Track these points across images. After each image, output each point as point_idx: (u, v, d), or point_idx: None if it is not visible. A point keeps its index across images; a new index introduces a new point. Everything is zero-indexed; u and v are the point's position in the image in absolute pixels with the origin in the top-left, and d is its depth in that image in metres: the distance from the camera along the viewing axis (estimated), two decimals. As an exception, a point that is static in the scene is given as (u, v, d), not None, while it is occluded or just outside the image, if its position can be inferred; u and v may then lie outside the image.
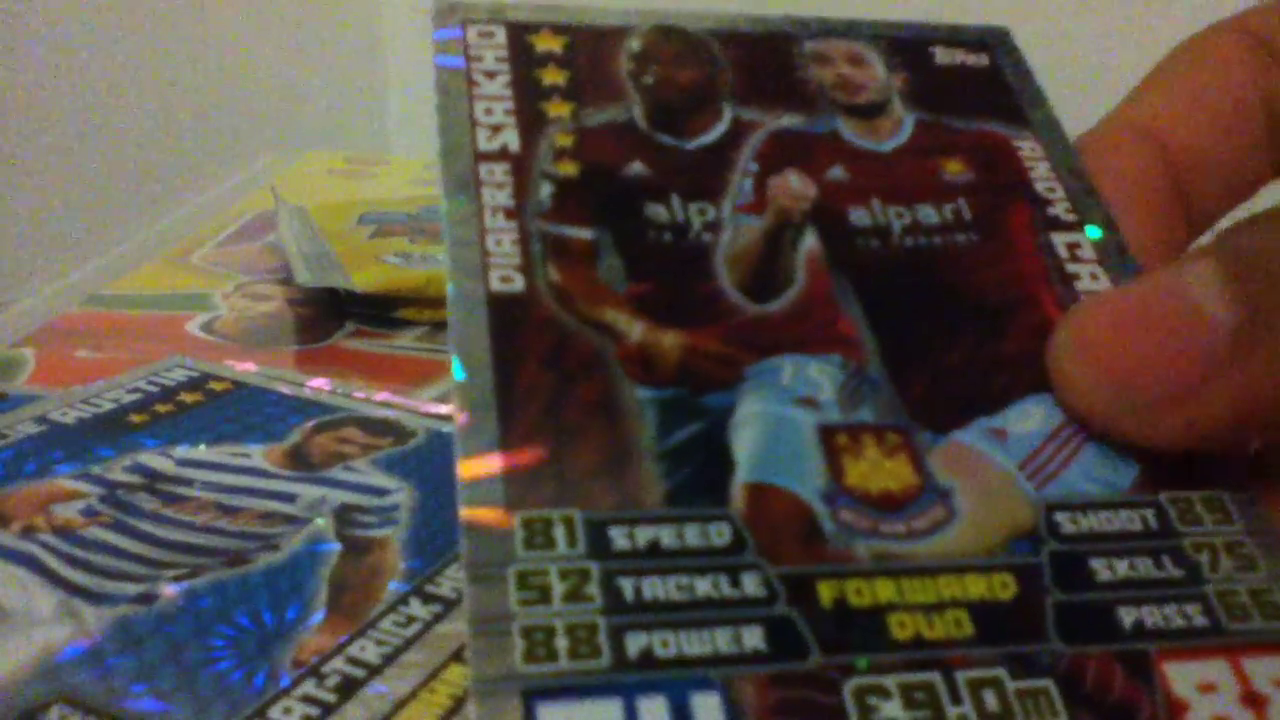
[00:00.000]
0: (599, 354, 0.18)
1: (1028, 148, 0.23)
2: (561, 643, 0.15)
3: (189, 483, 0.35)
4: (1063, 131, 0.23)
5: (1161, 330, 0.18)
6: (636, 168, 0.21)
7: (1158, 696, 0.16)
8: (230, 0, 0.70)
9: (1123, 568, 0.17)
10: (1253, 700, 0.16)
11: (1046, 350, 0.19)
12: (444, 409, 0.41)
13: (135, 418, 0.39)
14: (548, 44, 0.22)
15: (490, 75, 0.22)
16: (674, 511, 0.17)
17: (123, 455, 0.36)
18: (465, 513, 0.16)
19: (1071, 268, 0.21)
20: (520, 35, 0.22)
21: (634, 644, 0.15)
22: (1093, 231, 0.21)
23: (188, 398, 0.41)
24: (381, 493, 0.35)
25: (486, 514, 0.16)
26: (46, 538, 0.31)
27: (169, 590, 0.30)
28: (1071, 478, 0.18)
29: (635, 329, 0.19)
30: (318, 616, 0.29)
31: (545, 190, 0.20)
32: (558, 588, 0.15)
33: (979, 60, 0.24)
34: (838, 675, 0.15)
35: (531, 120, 0.21)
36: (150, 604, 0.29)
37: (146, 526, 0.33)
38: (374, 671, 0.27)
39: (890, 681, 0.15)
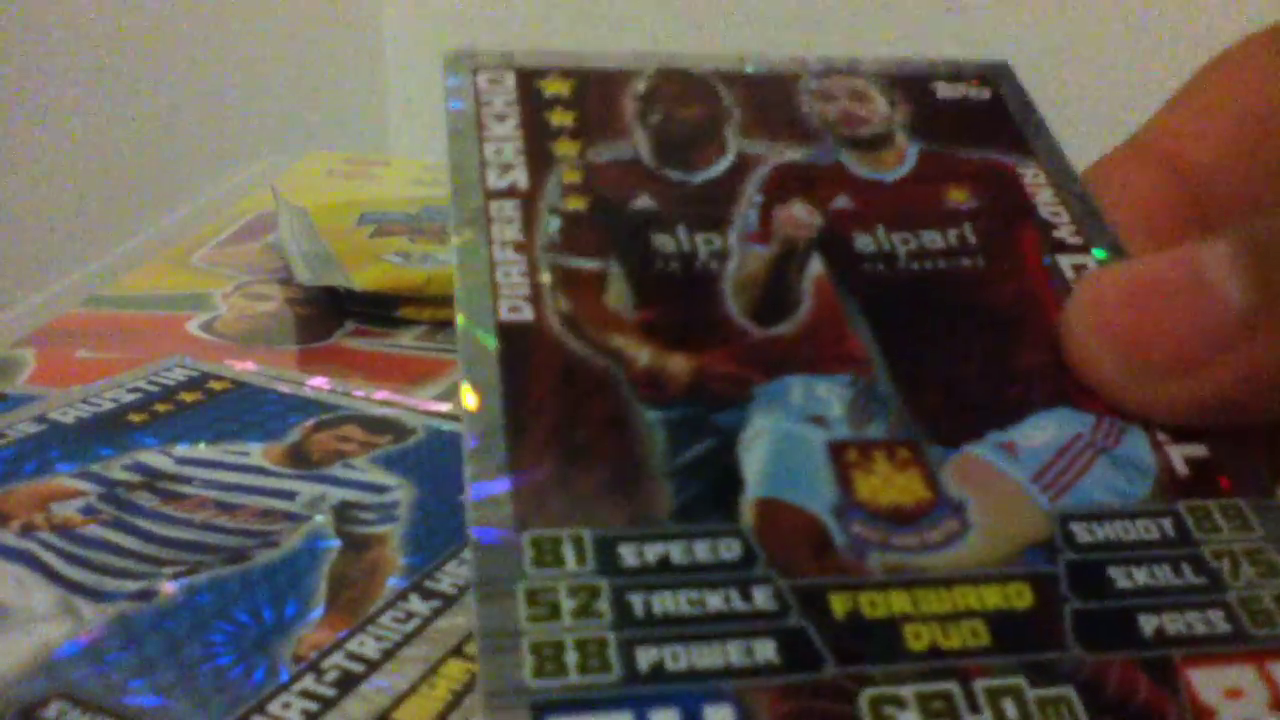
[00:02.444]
0: (609, 376, 0.19)
1: (1031, 174, 0.23)
2: (571, 657, 0.15)
3: (188, 481, 0.35)
4: (1066, 159, 0.23)
5: (1174, 303, 0.18)
6: (644, 201, 0.21)
7: (1183, 702, 0.16)
8: (231, 1, 0.70)
9: (1142, 575, 0.17)
10: None
11: (1060, 316, 0.20)
12: (443, 407, 0.41)
13: (135, 417, 0.39)
14: (556, 88, 0.23)
15: (500, 118, 0.22)
16: (684, 528, 0.17)
17: (122, 454, 0.36)
18: (474, 532, 0.16)
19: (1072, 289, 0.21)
20: (529, 80, 0.23)
21: (645, 658, 0.15)
22: (1099, 254, 0.22)
23: (187, 397, 0.41)
24: (381, 490, 0.35)
25: (495, 533, 0.16)
26: (45, 535, 0.31)
27: (168, 587, 0.30)
28: (1085, 489, 0.18)
29: (644, 353, 0.19)
30: (317, 612, 0.29)
31: (554, 224, 0.21)
32: (567, 604, 0.16)
33: (980, 93, 0.24)
34: (852, 685, 0.15)
35: (540, 159, 0.22)
36: (149, 600, 0.29)
37: (146, 524, 0.33)
38: (373, 666, 0.27)
39: (906, 691, 0.15)
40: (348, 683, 0.27)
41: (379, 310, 0.49)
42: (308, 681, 0.26)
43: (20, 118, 0.54)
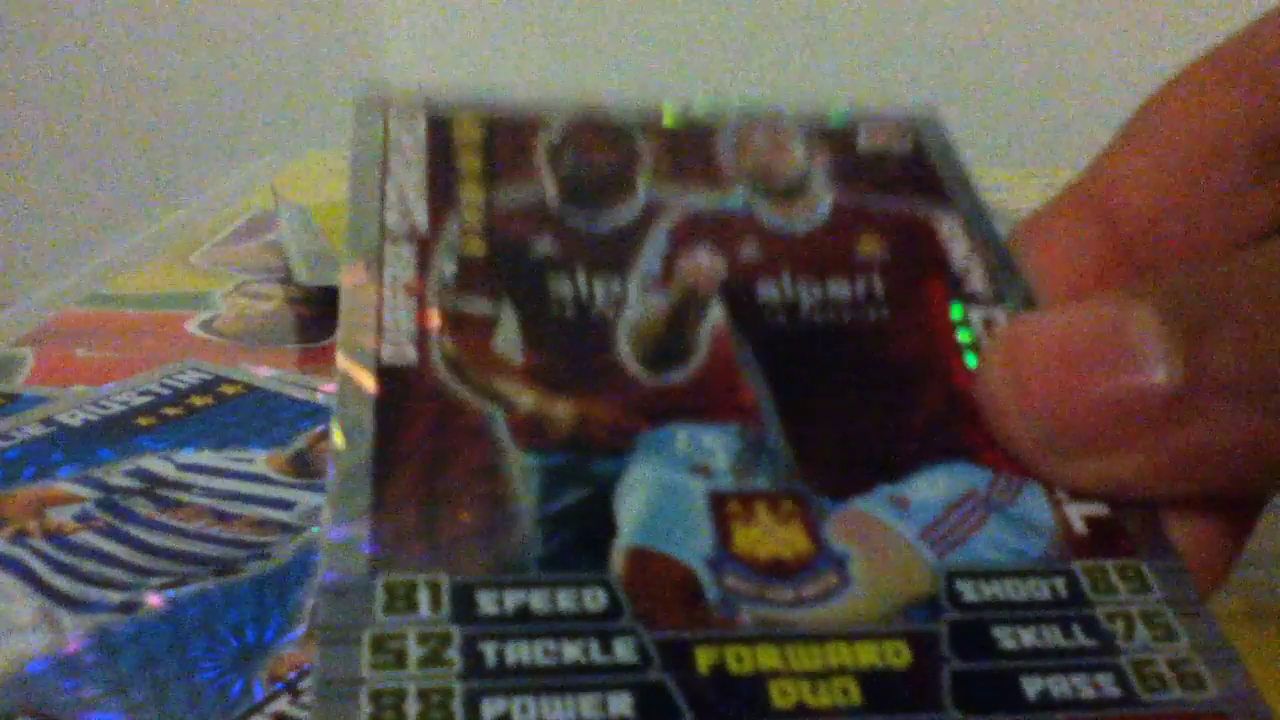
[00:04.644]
0: (486, 421, 0.18)
1: (947, 226, 0.23)
2: (413, 707, 0.14)
3: (188, 488, 0.35)
4: (986, 210, 0.23)
5: (1095, 372, 0.17)
6: (544, 245, 0.21)
7: None
8: (231, 1, 0.70)
9: (1029, 636, 0.16)
10: None
11: (978, 367, 0.19)
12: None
13: (142, 421, 0.39)
14: (467, 132, 0.23)
15: (407, 161, 0.22)
16: (549, 576, 0.16)
17: (124, 459, 0.36)
18: (324, 576, 0.16)
19: (985, 342, 0.20)
20: (440, 123, 0.23)
21: (490, 710, 0.15)
22: (1010, 307, 0.21)
23: (198, 401, 0.41)
24: (381, 502, 0.35)
25: (346, 577, 0.16)
26: (36, 542, 0.31)
27: (152, 599, 0.29)
28: (977, 546, 0.17)
29: (527, 398, 0.19)
30: (299, 630, 0.28)
31: (449, 268, 0.20)
32: (414, 652, 0.15)
33: (903, 144, 0.24)
34: None
35: (442, 202, 0.21)
36: (132, 613, 0.28)
37: (139, 532, 0.32)
38: (352, 688, 0.27)
39: None
40: (323, 705, 0.26)
41: None
42: (282, 702, 0.26)
43: (20, 117, 0.54)
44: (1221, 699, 0.16)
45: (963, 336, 0.21)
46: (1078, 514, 0.18)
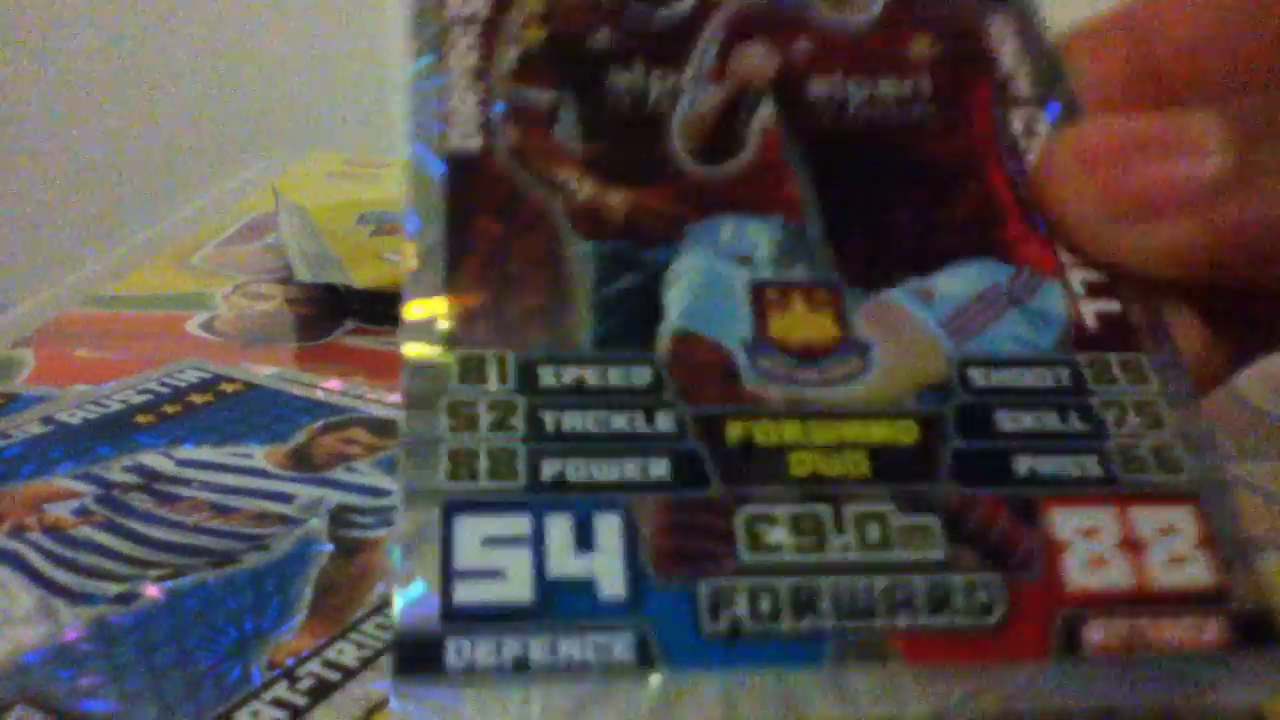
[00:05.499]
0: (548, 208, 0.19)
1: (999, 22, 0.23)
2: (483, 464, 0.16)
3: (187, 483, 0.35)
4: (1038, 8, 0.23)
5: (1153, 155, 0.19)
6: (603, 34, 0.21)
7: (1039, 536, 0.16)
8: (231, 2, 0.70)
9: (1027, 420, 0.18)
10: (1132, 545, 0.17)
11: (1043, 146, 0.20)
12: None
13: (141, 418, 0.39)
14: None
15: None
16: (601, 354, 0.18)
17: (123, 455, 0.36)
18: (407, 350, 0.17)
19: (1024, 144, 0.21)
20: None
21: (548, 469, 0.16)
22: (1052, 108, 0.22)
23: (198, 399, 0.41)
24: (380, 494, 0.35)
25: (426, 350, 0.17)
26: (34, 536, 0.31)
27: (150, 591, 0.29)
28: (992, 337, 0.19)
29: (585, 186, 0.20)
30: (298, 618, 0.28)
31: (512, 54, 0.21)
32: (485, 418, 0.17)
33: None
34: (732, 503, 0.16)
35: None
36: (130, 604, 0.28)
37: (137, 526, 0.32)
38: (350, 675, 0.26)
39: (780, 510, 0.16)
40: (321, 691, 0.26)
41: (379, 309, 0.49)
42: (280, 689, 0.26)
43: (20, 118, 0.54)
44: (1193, 481, 0.17)
45: (1000, 138, 0.21)
46: (1091, 310, 0.19)
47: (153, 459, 0.36)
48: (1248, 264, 0.19)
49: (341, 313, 0.50)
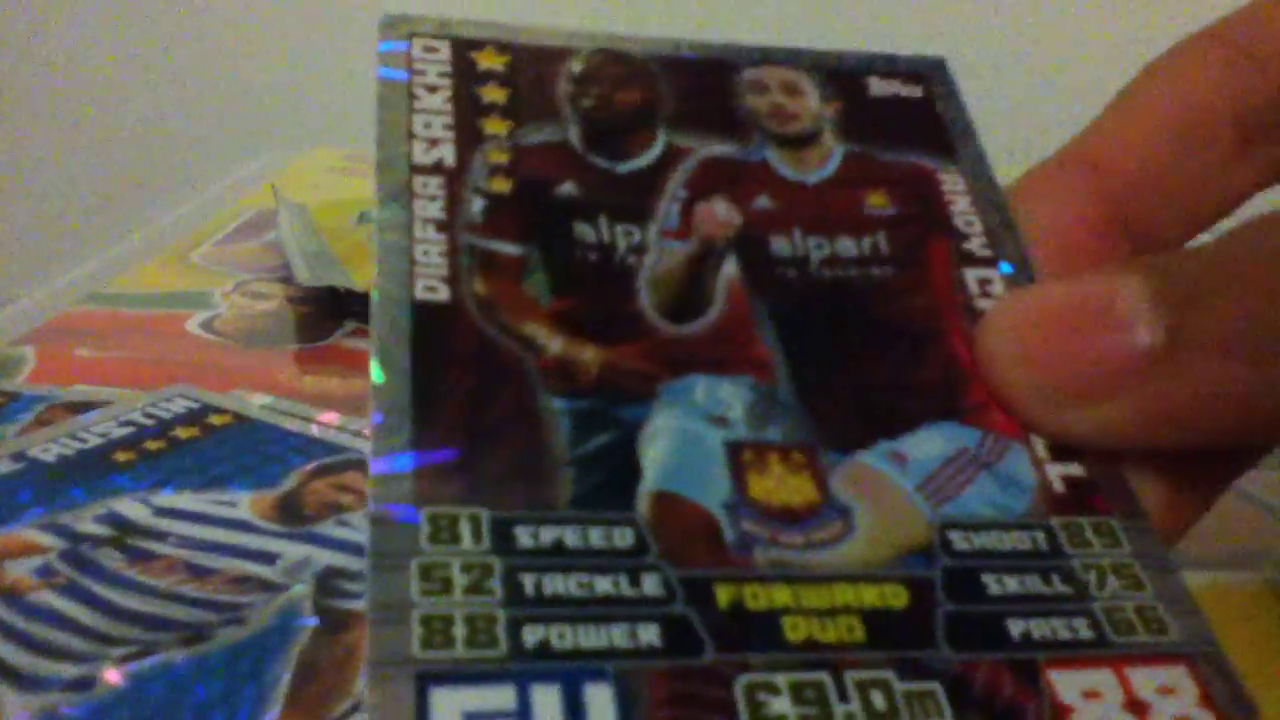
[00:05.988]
0: (519, 363, 0.19)
1: (951, 181, 0.23)
2: (459, 631, 0.15)
3: (163, 536, 0.32)
4: (988, 165, 0.24)
5: (1086, 333, 0.19)
6: (568, 188, 0.21)
7: (1044, 700, 0.16)
8: (230, 1, 0.68)
9: (1013, 583, 0.18)
10: (1136, 707, 0.16)
11: (976, 335, 0.20)
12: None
13: (121, 455, 0.36)
14: (490, 62, 0.23)
15: (431, 89, 0.22)
16: (580, 514, 0.17)
17: (97, 499, 0.33)
18: (373, 506, 0.16)
19: (981, 303, 0.21)
20: (464, 52, 0.23)
21: (531, 635, 0.15)
22: (1005, 267, 0.22)
23: (183, 433, 0.38)
24: (372, 555, 0.32)
25: (394, 508, 0.16)
26: (-12, 603, 0.28)
27: (110, 675, 0.26)
28: (967, 501, 0.19)
29: (556, 342, 0.19)
30: (274, 713, 0.25)
31: (477, 205, 0.21)
32: (459, 580, 0.16)
33: (912, 91, 0.24)
34: (730, 671, 0.16)
35: (468, 136, 0.21)
36: (86, 691, 0.26)
37: (103, 591, 0.29)
38: (326, 787, 0.24)
39: (781, 679, 0.16)
40: (292, 809, 0.23)
41: None
42: (245, 806, 0.23)
43: (20, 117, 0.53)
44: (1183, 643, 0.17)
45: (960, 298, 0.22)
46: (1057, 474, 0.19)
47: (128, 506, 0.33)
48: (1186, 439, 0.19)
49: (342, 313, 0.49)
